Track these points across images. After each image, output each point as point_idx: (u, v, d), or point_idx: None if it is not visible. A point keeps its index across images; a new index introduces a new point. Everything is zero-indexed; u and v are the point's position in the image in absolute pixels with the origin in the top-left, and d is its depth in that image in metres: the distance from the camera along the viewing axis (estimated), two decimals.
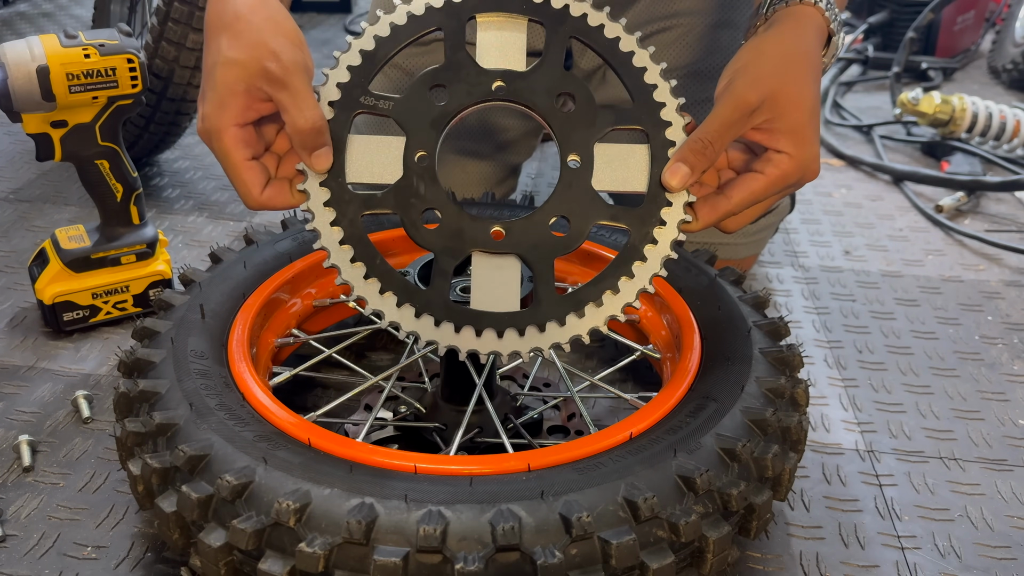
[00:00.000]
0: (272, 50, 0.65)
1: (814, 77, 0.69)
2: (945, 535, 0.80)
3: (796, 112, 0.67)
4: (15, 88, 0.94)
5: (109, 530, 0.78)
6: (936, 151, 1.63)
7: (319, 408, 0.79)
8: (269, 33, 0.66)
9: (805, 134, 0.67)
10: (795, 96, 0.67)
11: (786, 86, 0.67)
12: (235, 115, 0.66)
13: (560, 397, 0.91)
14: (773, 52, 0.70)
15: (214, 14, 0.69)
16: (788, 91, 0.67)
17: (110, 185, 1.04)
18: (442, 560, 0.58)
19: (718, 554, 0.64)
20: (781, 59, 0.69)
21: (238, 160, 0.67)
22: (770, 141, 0.68)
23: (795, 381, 0.77)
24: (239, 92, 0.66)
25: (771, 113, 0.67)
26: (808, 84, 0.68)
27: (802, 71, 0.69)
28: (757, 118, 0.67)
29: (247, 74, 0.65)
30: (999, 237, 1.33)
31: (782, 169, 0.67)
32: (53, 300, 1.03)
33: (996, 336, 1.11)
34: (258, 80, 0.65)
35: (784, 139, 0.67)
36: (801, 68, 0.69)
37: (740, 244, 1.15)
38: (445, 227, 0.70)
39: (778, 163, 0.67)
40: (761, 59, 0.69)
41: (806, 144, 0.67)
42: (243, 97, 0.66)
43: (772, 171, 0.68)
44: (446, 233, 0.70)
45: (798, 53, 0.70)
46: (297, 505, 0.60)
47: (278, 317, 0.90)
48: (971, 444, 0.92)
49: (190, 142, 1.63)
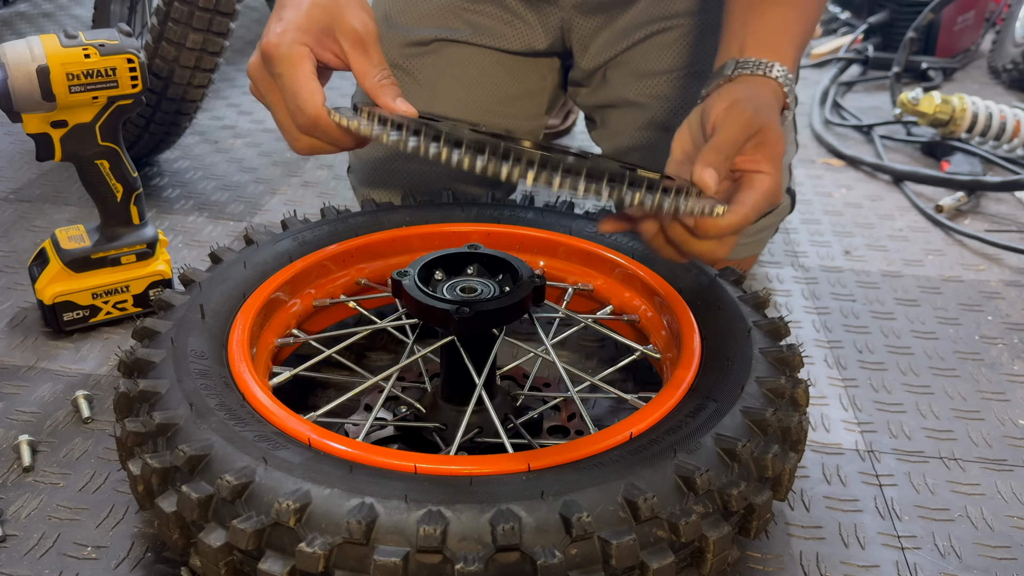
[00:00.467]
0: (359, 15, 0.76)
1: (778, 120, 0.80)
2: (945, 535, 0.80)
3: (777, 144, 0.77)
4: (15, 88, 0.94)
5: (109, 530, 0.78)
6: (936, 151, 1.63)
7: (319, 408, 0.79)
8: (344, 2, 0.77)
9: (779, 163, 0.77)
10: (775, 133, 0.78)
11: (769, 123, 0.78)
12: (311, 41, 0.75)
13: (560, 397, 0.91)
14: (754, 96, 0.80)
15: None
16: (770, 127, 0.78)
17: (110, 185, 1.04)
18: (442, 560, 0.59)
19: (718, 554, 0.64)
20: (763, 104, 0.80)
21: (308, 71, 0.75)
22: (753, 164, 0.77)
23: (795, 381, 0.77)
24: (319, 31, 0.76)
25: (761, 139, 0.77)
26: (778, 129, 0.79)
27: (774, 117, 0.80)
28: (752, 141, 0.76)
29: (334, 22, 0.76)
30: (999, 237, 1.33)
31: (767, 185, 0.76)
32: (53, 300, 1.03)
33: (996, 336, 1.11)
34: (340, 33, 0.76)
35: (765, 163, 0.76)
36: (773, 115, 0.80)
37: (740, 244, 1.15)
38: None
39: (763, 180, 0.76)
40: (748, 97, 0.79)
41: (779, 170, 0.77)
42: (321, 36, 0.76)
43: (760, 186, 0.75)
44: None
45: (771, 105, 0.81)
46: (297, 505, 0.60)
47: (278, 317, 0.91)
48: (971, 444, 0.92)
49: (190, 142, 1.63)
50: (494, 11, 1.15)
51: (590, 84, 1.18)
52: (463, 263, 0.84)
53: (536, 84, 1.21)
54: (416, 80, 1.17)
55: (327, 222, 1.00)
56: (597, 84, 1.17)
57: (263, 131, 1.69)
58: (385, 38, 1.18)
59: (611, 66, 1.15)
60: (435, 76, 1.17)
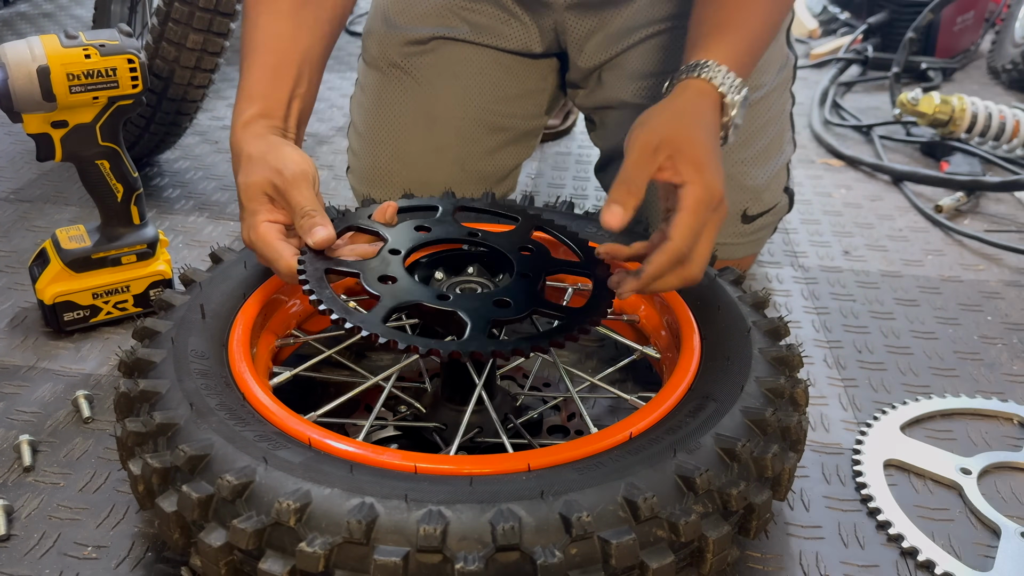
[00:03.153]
0: (276, 168, 0.81)
1: (703, 126, 0.81)
2: (945, 535, 0.80)
3: (691, 148, 0.78)
4: (16, 88, 0.94)
5: (109, 530, 0.78)
6: (936, 151, 1.64)
7: (319, 408, 0.79)
8: (272, 158, 0.82)
9: (703, 163, 0.77)
10: (688, 136, 0.79)
11: (678, 130, 0.79)
12: (264, 216, 0.80)
13: (560, 397, 0.91)
14: (665, 108, 0.83)
15: (234, 161, 0.85)
16: (681, 133, 0.79)
17: (110, 185, 1.04)
18: (442, 560, 0.59)
19: (718, 554, 0.64)
20: (672, 113, 0.82)
21: (272, 238, 0.80)
22: (675, 176, 0.77)
23: (795, 381, 0.77)
24: (260, 199, 0.81)
25: (671, 150, 0.77)
26: (698, 130, 0.80)
27: (690, 120, 0.81)
28: (660, 156, 0.77)
29: (261, 188, 0.81)
30: (999, 237, 1.33)
31: (694, 195, 0.76)
32: (54, 300, 1.03)
33: (996, 336, 1.11)
34: (270, 189, 0.80)
35: (686, 169, 0.77)
36: (690, 118, 0.81)
37: (738, 244, 1.16)
38: None
39: (687, 192, 0.76)
40: (655, 113, 0.82)
41: (706, 171, 0.77)
42: (265, 203, 0.81)
43: (688, 200, 0.76)
44: None
45: (687, 109, 0.83)
46: (297, 505, 0.60)
47: (278, 317, 0.91)
48: (970, 444, 0.92)
49: (190, 142, 1.63)
50: (491, 10, 1.15)
51: (587, 85, 1.19)
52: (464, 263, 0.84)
53: (535, 84, 1.22)
54: (415, 79, 1.17)
55: None
56: (593, 86, 1.17)
57: None
58: (384, 37, 1.18)
59: (607, 68, 1.15)
60: (434, 75, 1.17)
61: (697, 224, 0.76)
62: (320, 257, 0.79)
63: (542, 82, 1.22)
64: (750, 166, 1.12)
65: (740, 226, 1.14)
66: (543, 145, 1.69)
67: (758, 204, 1.14)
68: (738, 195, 1.12)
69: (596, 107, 1.19)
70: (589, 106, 1.20)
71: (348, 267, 0.78)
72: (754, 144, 1.12)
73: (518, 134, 1.23)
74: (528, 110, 1.22)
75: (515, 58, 1.18)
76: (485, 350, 0.70)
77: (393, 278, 0.76)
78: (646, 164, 0.77)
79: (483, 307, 0.74)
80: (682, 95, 0.84)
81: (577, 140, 1.72)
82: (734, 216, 1.13)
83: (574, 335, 0.73)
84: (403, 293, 0.75)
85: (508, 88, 1.19)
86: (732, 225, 1.14)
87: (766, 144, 1.13)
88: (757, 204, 1.14)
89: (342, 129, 1.71)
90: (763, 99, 1.11)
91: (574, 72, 1.18)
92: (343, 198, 1.44)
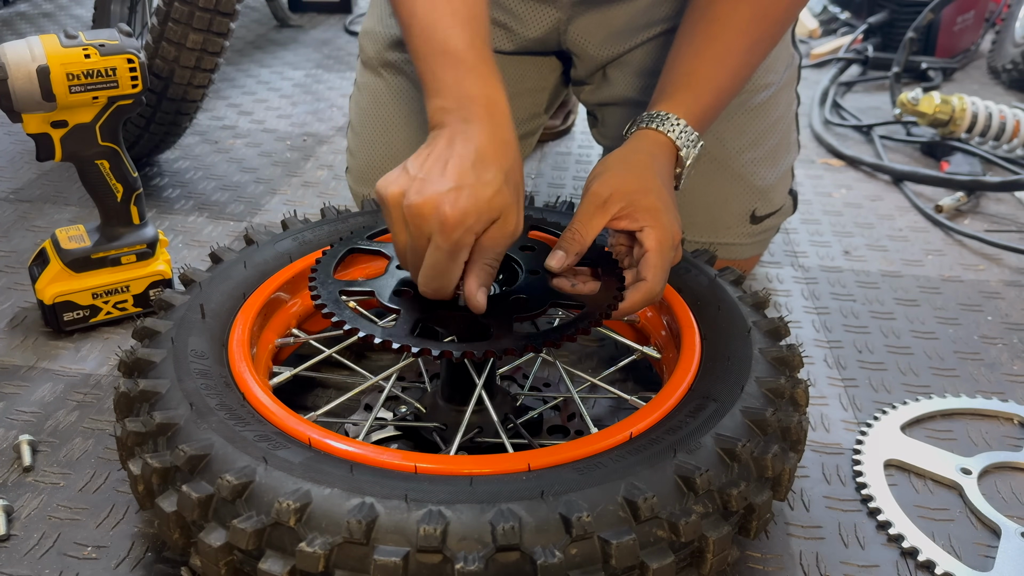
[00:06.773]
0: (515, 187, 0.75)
1: (655, 175, 0.85)
2: (945, 535, 0.80)
3: (644, 196, 0.82)
4: (15, 88, 0.94)
5: (109, 530, 0.78)
6: (936, 151, 1.64)
7: (319, 408, 0.79)
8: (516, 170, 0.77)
9: (659, 209, 0.81)
10: (640, 187, 0.82)
11: (629, 181, 0.83)
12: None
13: (560, 397, 0.91)
14: (617, 158, 0.86)
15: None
16: (632, 184, 0.82)
17: (110, 185, 1.04)
18: (442, 560, 0.59)
19: (718, 554, 0.64)
20: (623, 163, 0.85)
21: None
22: (633, 223, 0.81)
23: (795, 381, 0.77)
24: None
25: (623, 201, 0.81)
26: (650, 179, 0.84)
27: (641, 169, 0.85)
28: (612, 207, 0.81)
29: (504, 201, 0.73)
30: (999, 237, 1.33)
31: (655, 238, 0.80)
32: (53, 300, 1.03)
33: (996, 336, 1.11)
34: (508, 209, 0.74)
35: (643, 215, 0.81)
36: (641, 168, 0.85)
37: (746, 244, 1.15)
38: None
39: (648, 235, 0.80)
40: (608, 164, 0.85)
41: (662, 216, 0.81)
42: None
43: (651, 242, 0.80)
44: None
45: (638, 159, 0.86)
46: (297, 505, 0.60)
47: (278, 317, 0.91)
48: (970, 443, 0.92)
49: (190, 142, 1.63)
50: (491, 10, 1.15)
51: (592, 82, 1.19)
52: None
53: (535, 83, 1.22)
54: (410, 79, 1.17)
55: (327, 222, 1.00)
56: (599, 82, 1.17)
57: (263, 131, 1.69)
58: (379, 38, 1.18)
59: (613, 65, 1.15)
60: None
61: (664, 262, 0.80)
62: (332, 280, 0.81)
63: (542, 81, 1.22)
64: (759, 166, 1.12)
65: (749, 227, 1.14)
66: (543, 145, 1.69)
67: (767, 205, 1.14)
68: (748, 195, 1.12)
69: (600, 103, 1.19)
70: (594, 102, 1.20)
71: (360, 287, 0.79)
72: (763, 144, 1.11)
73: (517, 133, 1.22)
74: (527, 109, 1.22)
75: (514, 57, 1.18)
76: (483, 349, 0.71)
77: (407, 291, 0.78)
78: (594, 215, 0.81)
79: (502, 306, 0.76)
80: (638, 144, 0.88)
81: (577, 140, 1.72)
82: (743, 217, 1.13)
83: (572, 336, 0.73)
84: (421, 304, 0.76)
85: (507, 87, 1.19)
86: (741, 226, 1.14)
87: (775, 144, 1.13)
88: (766, 205, 1.14)
89: (342, 129, 1.71)
90: (771, 98, 1.11)
91: (579, 69, 1.18)
92: (343, 198, 1.44)
